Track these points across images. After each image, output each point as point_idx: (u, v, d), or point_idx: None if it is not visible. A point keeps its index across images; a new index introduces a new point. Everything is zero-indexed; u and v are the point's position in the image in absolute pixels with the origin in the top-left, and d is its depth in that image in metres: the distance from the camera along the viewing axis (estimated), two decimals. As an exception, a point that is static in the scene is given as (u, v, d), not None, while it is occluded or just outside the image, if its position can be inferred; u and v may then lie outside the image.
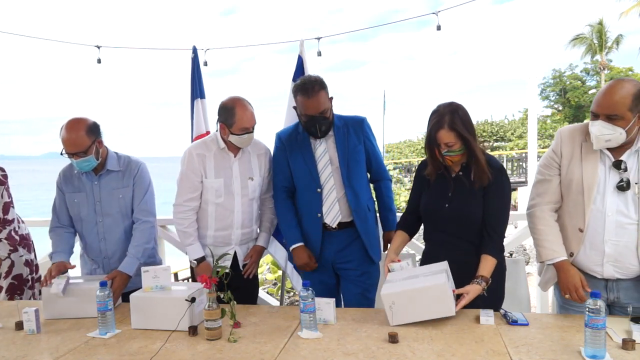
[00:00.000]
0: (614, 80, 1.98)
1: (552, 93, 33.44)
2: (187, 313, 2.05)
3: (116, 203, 2.66)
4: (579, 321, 1.85)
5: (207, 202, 2.71)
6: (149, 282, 2.21)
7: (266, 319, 2.22)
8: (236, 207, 2.72)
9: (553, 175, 2.16)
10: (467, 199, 2.23)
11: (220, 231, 2.74)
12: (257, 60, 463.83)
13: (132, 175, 2.69)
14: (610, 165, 2.02)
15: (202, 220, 2.74)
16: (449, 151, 2.18)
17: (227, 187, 2.70)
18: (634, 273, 2.04)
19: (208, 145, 2.72)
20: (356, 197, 2.68)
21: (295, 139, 2.75)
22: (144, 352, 1.89)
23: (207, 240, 2.75)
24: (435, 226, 2.34)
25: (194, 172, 2.67)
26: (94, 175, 2.66)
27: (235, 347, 1.91)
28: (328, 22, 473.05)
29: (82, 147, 2.49)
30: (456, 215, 2.24)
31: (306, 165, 2.69)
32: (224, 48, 4.27)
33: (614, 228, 2.00)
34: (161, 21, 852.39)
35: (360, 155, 2.73)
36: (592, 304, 1.65)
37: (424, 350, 1.79)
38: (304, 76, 2.74)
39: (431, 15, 3.39)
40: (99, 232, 2.67)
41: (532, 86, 3.92)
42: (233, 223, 2.74)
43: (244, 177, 2.74)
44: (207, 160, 2.68)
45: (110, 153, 2.69)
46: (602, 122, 1.94)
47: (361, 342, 1.89)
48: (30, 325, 2.13)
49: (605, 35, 28.90)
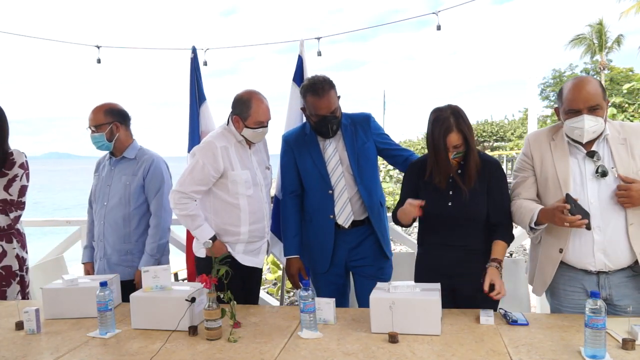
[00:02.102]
0: (577, 79, 2.12)
1: (552, 93, 33.42)
2: (187, 313, 2.05)
3: (122, 189, 2.78)
4: (579, 321, 1.85)
5: (237, 196, 2.60)
6: (149, 282, 2.20)
7: (266, 319, 2.22)
8: (264, 197, 2.71)
9: (528, 176, 2.26)
10: (473, 195, 2.24)
11: (255, 224, 2.66)
12: (257, 60, 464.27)
13: (142, 167, 2.80)
14: (584, 156, 2.11)
15: (234, 217, 2.61)
16: (457, 153, 2.21)
17: (253, 178, 2.65)
18: (624, 262, 2.07)
19: (227, 137, 2.63)
20: (369, 195, 2.68)
21: (303, 140, 2.73)
22: (144, 352, 1.89)
23: (240, 237, 2.64)
24: (436, 227, 2.33)
25: (212, 166, 2.54)
26: (113, 160, 2.85)
27: (235, 347, 1.91)
28: (328, 22, 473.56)
29: (95, 122, 2.76)
30: (460, 213, 2.24)
31: (316, 167, 2.68)
32: (224, 48, 4.27)
33: (599, 214, 2.05)
34: (161, 22, 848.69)
35: (370, 152, 2.72)
36: (592, 303, 1.65)
37: (424, 350, 1.79)
38: (311, 76, 2.69)
39: (431, 15, 3.39)
40: (101, 215, 2.81)
41: (532, 86, 3.92)
42: (265, 214, 2.71)
43: (262, 167, 2.74)
44: (231, 153, 2.59)
45: (134, 144, 2.87)
46: (587, 116, 2.03)
47: (361, 342, 1.89)
48: (31, 325, 2.13)
49: (605, 35, 28.89)
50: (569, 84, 2.12)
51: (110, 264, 2.79)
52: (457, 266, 2.25)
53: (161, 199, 2.80)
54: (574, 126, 2.07)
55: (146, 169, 2.80)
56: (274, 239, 3.28)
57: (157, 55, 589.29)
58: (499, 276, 2.14)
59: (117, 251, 2.79)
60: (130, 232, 2.79)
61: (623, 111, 21.32)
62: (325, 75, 2.64)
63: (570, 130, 2.10)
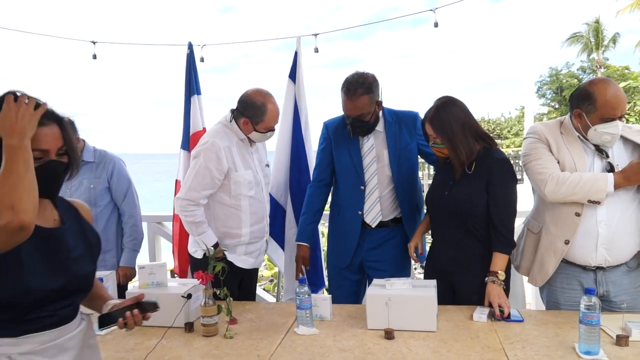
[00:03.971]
0: (609, 83, 2.07)
1: (548, 91, 33.48)
2: (183, 309, 2.05)
3: (85, 193, 2.77)
4: (574, 317, 1.86)
5: (239, 197, 2.52)
6: (145, 278, 2.20)
7: (262, 315, 2.23)
8: (264, 197, 2.67)
9: (546, 151, 2.18)
10: (467, 188, 2.21)
11: (256, 225, 2.60)
12: (254, 57, 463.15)
13: (106, 168, 2.83)
14: (594, 152, 2.13)
15: (236, 219, 2.54)
16: (434, 143, 2.25)
17: (255, 178, 2.59)
18: (623, 257, 2.09)
19: (229, 136, 2.53)
20: (406, 196, 2.63)
21: (343, 132, 2.66)
22: (140, 348, 1.89)
23: (242, 239, 2.57)
24: (438, 216, 2.33)
25: (217, 169, 2.43)
26: None
27: (232, 343, 1.91)
28: (325, 20, 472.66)
29: None
30: (455, 204, 2.22)
31: (352, 161, 2.62)
32: (221, 44, 4.26)
33: (605, 210, 2.07)
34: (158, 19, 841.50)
35: (412, 153, 2.66)
36: (587, 300, 1.66)
37: (420, 347, 1.80)
38: (355, 72, 2.55)
39: (428, 12, 3.37)
40: None
41: (529, 84, 3.93)
42: (265, 214, 2.68)
43: (262, 165, 2.70)
44: (234, 153, 2.50)
45: (87, 146, 2.84)
46: (619, 122, 2.05)
47: (357, 339, 1.90)
48: (26, 322, 2.12)
49: (601, 33, 28.95)
50: (603, 90, 2.04)
51: None
52: (454, 264, 2.24)
53: (132, 199, 2.88)
54: (608, 132, 2.04)
55: (109, 172, 2.83)
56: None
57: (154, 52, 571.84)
58: (497, 293, 2.09)
59: None
60: (99, 233, 2.78)
61: (619, 109, 21.39)
62: (369, 76, 2.51)
63: (599, 136, 2.06)
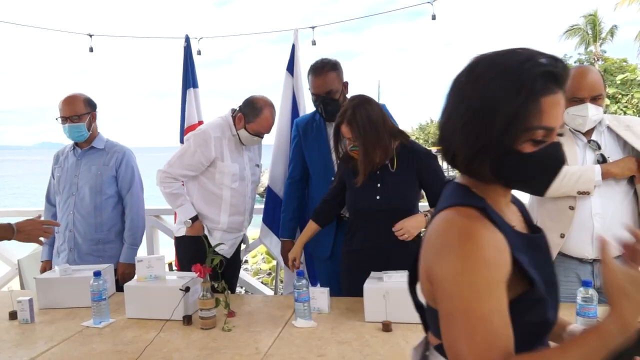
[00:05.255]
0: (579, 67, 2.15)
1: (545, 84, 33.48)
2: (182, 302, 2.06)
3: (92, 179, 2.77)
4: (571, 310, 1.87)
5: (222, 187, 2.68)
6: (143, 271, 2.20)
7: (260, 308, 2.23)
8: (248, 193, 2.77)
9: None
10: (397, 187, 2.22)
11: (234, 216, 2.74)
12: (251, 50, 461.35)
13: (115, 157, 2.82)
14: (585, 144, 2.14)
15: (216, 206, 2.70)
16: (353, 146, 2.17)
17: (241, 172, 2.71)
18: (620, 250, 2.07)
19: (223, 129, 2.68)
20: None
21: (312, 126, 2.75)
22: (138, 341, 1.89)
23: (219, 227, 2.72)
24: (366, 220, 2.28)
25: (204, 155, 2.61)
26: (79, 150, 2.83)
27: (230, 336, 1.92)
28: (322, 13, 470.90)
29: (78, 111, 2.72)
30: (389, 206, 2.21)
31: (320, 154, 2.70)
32: (217, 37, 4.24)
33: (600, 202, 2.07)
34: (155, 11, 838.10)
35: None
36: (584, 292, 1.67)
37: (417, 339, 1.79)
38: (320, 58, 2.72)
39: (425, 5, 3.36)
40: (70, 205, 2.78)
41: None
42: (245, 209, 2.78)
43: (252, 163, 2.79)
44: (224, 144, 2.66)
45: (100, 135, 2.86)
46: (590, 105, 2.06)
47: (355, 331, 1.90)
48: (24, 315, 2.13)
49: (599, 26, 28.90)
50: (572, 72, 2.12)
51: (80, 253, 2.76)
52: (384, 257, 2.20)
53: (136, 191, 2.86)
54: (577, 114, 2.08)
55: (118, 161, 2.82)
56: (264, 229, 3.31)
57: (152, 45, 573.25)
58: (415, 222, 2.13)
59: (88, 240, 2.77)
60: (102, 222, 2.78)
61: (616, 102, 21.38)
62: (334, 59, 2.67)
63: (572, 119, 2.11)
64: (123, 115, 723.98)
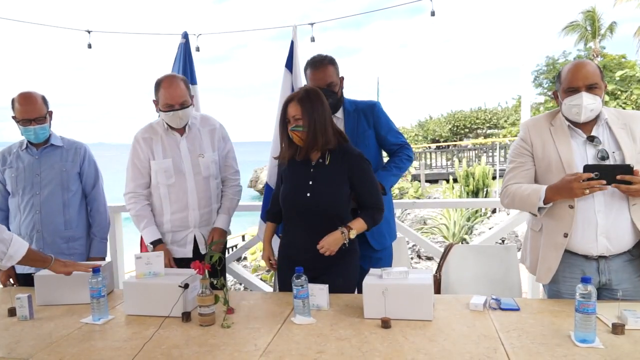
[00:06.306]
0: (576, 60, 2.17)
1: (545, 80, 33.41)
2: (181, 299, 2.06)
3: (58, 176, 2.76)
4: (570, 306, 1.87)
5: (158, 185, 2.70)
6: (142, 268, 2.20)
7: (259, 304, 2.23)
8: (189, 187, 2.70)
9: (524, 162, 2.24)
10: (328, 186, 2.28)
11: (177, 213, 2.70)
12: (250, 47, 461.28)
13: (78, 154, 2.83)
14: (585, 141, 2.12)
15: (157, 206, 2.72)
16: (296, 126, 2.24)
17: (177, 166, 2.69)
18: (625, 245, 2.09)
19: (154, 128, 2.74)
20: None
21: None
22: (137, 337, 1.89)
23: (164, 227, 2.71)
24: (296, 216, 2.36)
25: (138, 159, 2.70)
26: (35, 149, 2.78)
27: (229, 332, 1.92)
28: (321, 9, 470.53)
29: (42, 112, 2.70)
30: (318, 203, 2.28)
31: None
32: (216, 33, 4.22)
33: (602, 199, 2.06)
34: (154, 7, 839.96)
35: (370, 140, 2.75)
36: (583, 288, 1.67)
37: (416, 335, 1.81)
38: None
39: (424, 1, 3.36)
40: (34, 205, 2.73)
41: (526, 73, 3.91)
42: (188, 204, 2.70)
43: (194, 155, 2.72)
44: (154, 143, 2.70)
45: (53, 132, 2.83)
46: (585, 94, 2.05)
47: (354, 328, 1.90)
48: (23, 312, 2.13)
49: (598, 22, 28.85)
50: (567, 65, 2.15)
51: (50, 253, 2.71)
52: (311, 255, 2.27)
53: (100, 187, 2.90)
54: (572, 104, 2.08)
55: (81, 157, 2.84)
56: (263, 226, 3.29)
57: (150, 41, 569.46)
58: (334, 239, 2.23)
59: (59, 239, 2.75)
60: (71, 219, 2.78)
61: (615, 98, 21.35)
62: (329, 55, 2.73)
63: (568, 109, 2.10)
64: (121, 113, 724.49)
